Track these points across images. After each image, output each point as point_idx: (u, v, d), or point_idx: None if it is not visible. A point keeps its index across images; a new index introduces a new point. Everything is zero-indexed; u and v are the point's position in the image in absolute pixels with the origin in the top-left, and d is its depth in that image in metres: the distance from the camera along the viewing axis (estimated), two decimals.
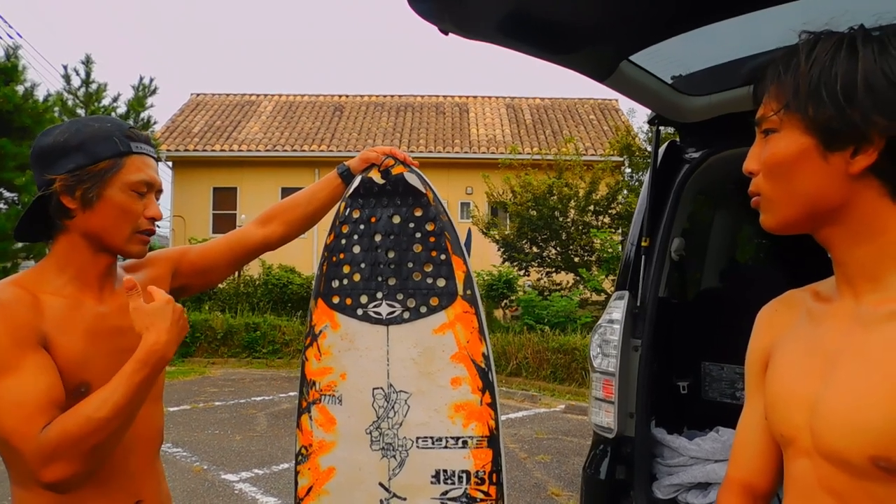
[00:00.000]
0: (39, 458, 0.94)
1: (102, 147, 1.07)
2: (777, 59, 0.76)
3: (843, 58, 0.70)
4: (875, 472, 0.67)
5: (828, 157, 0.71)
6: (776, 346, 0.84)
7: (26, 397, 0.95)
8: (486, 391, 1.38)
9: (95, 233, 1.09)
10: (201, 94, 19.51)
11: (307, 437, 1.44)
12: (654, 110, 2.33)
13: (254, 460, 4.99)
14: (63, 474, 0.95)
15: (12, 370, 0.96)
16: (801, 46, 0.74)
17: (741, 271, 2.98)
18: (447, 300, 1.39)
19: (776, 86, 0.75)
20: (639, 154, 11.55)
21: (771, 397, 0.81)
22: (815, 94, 0.71)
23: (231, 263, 1.38)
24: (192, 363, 9.62)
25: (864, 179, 0.71)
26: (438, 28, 1.62)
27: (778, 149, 0.74)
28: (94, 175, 1.06)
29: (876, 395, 0.67)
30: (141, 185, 1.10)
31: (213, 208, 16.53)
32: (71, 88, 11.19)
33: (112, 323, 1.11)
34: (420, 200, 1.43)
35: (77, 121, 1.11)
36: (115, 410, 0.96)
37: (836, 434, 0.70)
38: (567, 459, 5.14)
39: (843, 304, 0.76)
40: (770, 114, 0.75)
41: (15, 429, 0.95)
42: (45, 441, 0.94)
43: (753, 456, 0.88)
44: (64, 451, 0.94)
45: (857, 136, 0.69)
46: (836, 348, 0.74)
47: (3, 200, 8.82)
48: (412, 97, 19.39)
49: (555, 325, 9.63)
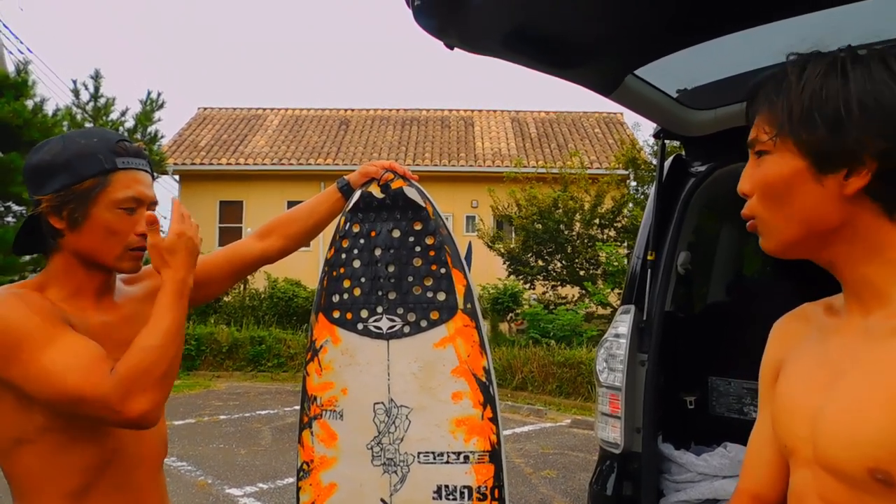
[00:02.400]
0: (119, 395, 0.95)
1: (87, 165, 1.05)
2: (767, 81, 0.77)
3: (834, 81, 0.71)
4: (873, 485, 0.67)
5: (822, 179, 0.72)
6: (787, 359, 0.84)
7: (80, 354, 0.97)
8: (488, 405, 1.37)
9: (85, 252, 1.08)
10: (208, 108, 19.68)
11: (308, 452, 1.43)
12: (660, 124, 2.32)
13: (258, 474, 4.97)
14: (146, 405, 0.97)
15: (54, 339, 0.98)
16: (791, 68, 0.74)
17: (748, 285, 2.95)
18: (447, 314, 1.39)
19: (768, 108, 0.76)
20: (644, 167, 11.56)
21: (777, 409, 0.82)
22: (807, 118, 0.71)
23: (229, 276, 1.37)
24: (197, 376, 9.62)
25: (859, 200, 0.71)
26: (444, 43, 1.63)
27: (772, 171, 0.75)
28: (79, 195, 1.04)
29: (875, 408, 0.67)
30: (129, 202, 1.08)
31: (220, 221, 16.61)
32: (80, 103, 11.28)
33: (116, 333, 1.10)
34: (420, 214, 1.43)
35: (65, 137, 1.10)
36: (168, 336, 1.01)
37: (835, 446, 0.70)
38: (573, 475, 5.09)
39: (851, 318, 0.76)
40: (763, 137, 0.76)
41: (84, 381, 0.95)
42: (118, 379, 0.96)
43: (763, 468, 0.88)
44: (139, 383, 0.97)
45: (849, 158, 0.70)
46: (842, 361, 0.74)
47: (11, 214, 8.87)
48: (417, 111, 19.49)
49: (560, 339, 9.59)
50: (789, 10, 1.58)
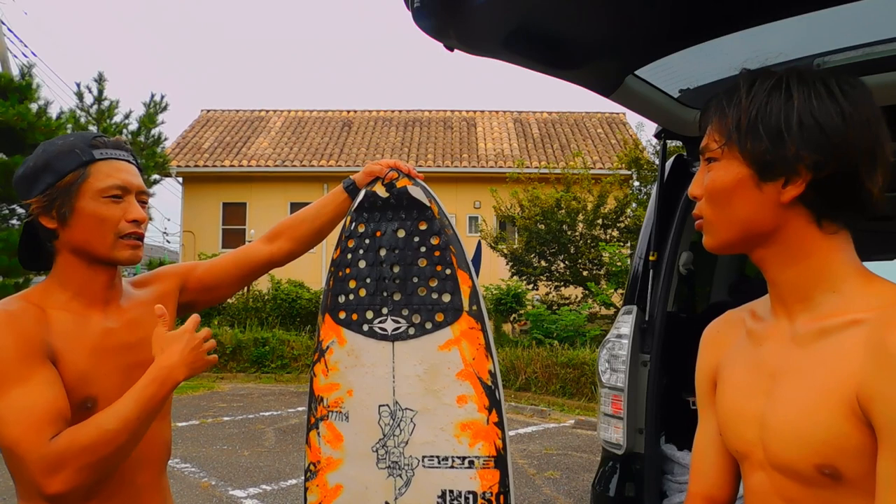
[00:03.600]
0: (44, 467, 0.94)
1: (65, 161, 1.08)
2: (720, 94, 0.83)
3: (779, 97, 0.77)
4: (822, 480, 0.73)
5: (762, 186, 0.78)
6: (722, 365, 0.91)
7: (33, 408, 0.96)
8: (493, 410, 1.34)
9: (80, 246, 1.09)
10: (211, 110, 19.70)
11: (315, 453, 1.43)
12: (661, 124, 2.32)
13: (262, 476, 4.97)
14: (65, 485, 0.95)
15: (19, 381, 0.97)
16: (741, 83, 0.81)
17: (750, 285, 2.95)
18: (452, 316, 1.36)
19: (718, 119, 0.82)
20: (647, 167, 11.54)
21: (723, 416, 0.87)
22: (752, 130, 0.78)
23: (238, 280, 1.38)
24: (200, 378, 9.62)
25: (793, 208, 0.78)
26: (444, 45, 1.63)
27: (718, 177, 0.81)
28: (63, 190, 1.07)
29: (815, 408, 0.73)
30: (112, 190, 1.09)
31: (223, 223, 16.62)
32: (83, 106, 11.32)
33: (119, 339, 1.11)
34: (425, 214, 1.40)
35: (44, 142, 1.12)
36: (125, 424, 0.98)
37: (783, 446, 0.76)
38: (577, 476, 5.09)
39: (778, 323, 0.82)
40: (713, 145, 0.82)
41: (21, 438, 0.95)
42: (52, 450, 0.95)
43: (711, 470, 0.94)
44: (70, 461, 0.95)
45: (787, 168, 0.76)
46: (777, 366, 0.80)
47: (16, 216, 8.90)
48: (420, 112, 19.49)
49: (564, 340, 9.58)
50: (788, 10, 1.58)
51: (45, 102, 8.62)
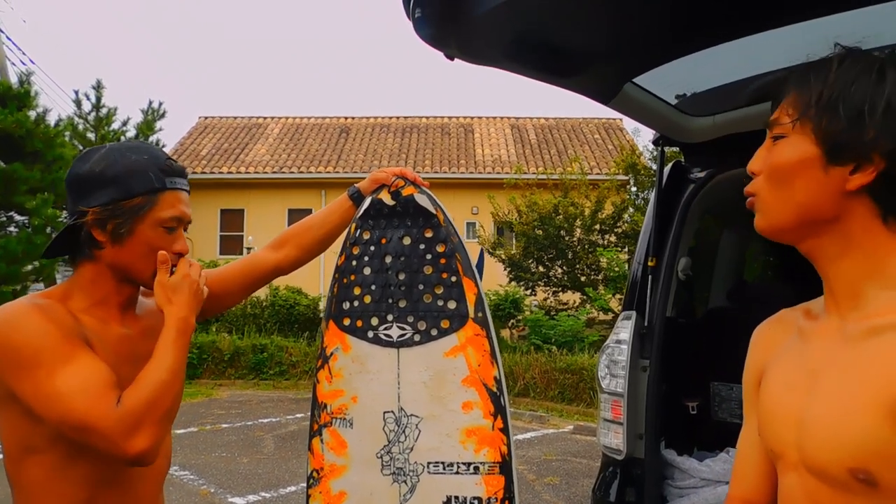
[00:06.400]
0: (123, 429, 0.96)
1: (137, 182, 1.06)
2: (807, 67, 0.78)
3: (869, 78, 0.72)
4: (856, 485, 0.69)
5: (829, 169, 0.73)
6: (769, 364, 0.86)
7: (90, 379, 0.98)
8: (499, 416, 1.35)
9: (123, 266, 1.09)
10: (209, 117, 19.72)
11: (318, 460, 1.43)
12: (658, 131, 2.35)
13: (261, 483, 4.96)
14: (149, 440, 0.98)
15: (69, 359, 0.98)
16: (833, 58, 0.76)
17: (749, 290, 2.97)
18: (458, 323, 1.37)
19: (797, 92, 0.76)
20: (644, 172, 11.59)
21: (762, 414, 0.83)
22: (832, 107, 0.73)
23: (245, 288, 1.39)
24: (199, 385, 9.60)
25: (858, 198, 0.73)
26: (444, 54, 1.65)
27: (784, 154, 0.76)
28: (127, 210, 1.06)
29: (854, 409, 0.69)
30: (172, 222, 1.10)
31: (221, 230, 16.62)
32: (82, 113, 11.34)
33: (134, 346, 1.12)
34: (430, 221, 1.41)
35: (114, 150, 1.10)
36: (173, 373, 1.03)
37: (818, 448, 0.72)
38: (576, 481, 5.09)
39: (829, 321, 0.78)
40: (785, 119, 0.77)
41: (89, 409, 0.96)
42: (125, 412, 0.97)
43: (752, 473, 0.89)
44: (145, 417, 0.98)
45: (860, 153, 0.71)
46: (821, 364, 0.76)
47: (14, 224, 8.89)
48: (417, 118, 19.53)
49: (562, 345, 9.58)
50: (784, 18, 1.60)
51: (43, 110, 8.66)
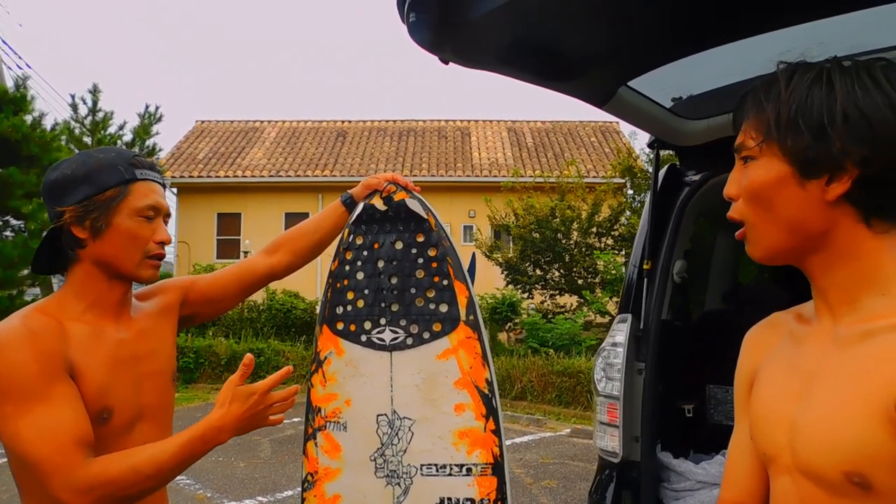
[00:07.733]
0: (73, 490, 0.96)
1: (108, 176, 1.10)
2: (757, 88, 0.79)
3: (820, 90, 0.73)
4: (850, 489, 0.69)
5: (805, 184, 0.74)
6: (761, 367, 0.86)
7: (58, 428, 0.98)
8: (490, 417, 1.36)
9: (107, 260, 1.11)
10: (206, 121, 19.72)
11: (313, 463, 1.44)
12: (653, 134, 2.35)
13: (257, 487, 4.95)
14: None
15: (42, 399, 0.99)
16: (780, 76, 0.77)
17: (745, 293, 2.97)
18: (450, 326, 1.39)
19: (755, 114, 0.78)
20: (640, 175, 11.59)
21: (754, 417, 0.83)
22: (793, 124, 0.74)
23: (239, 293, 1.40)
24: (195, 389, 9.58)
25: (840, 207, 0.73)
26: (439, 58, 1.65)
27: (757, 176, 0.77)
28: (102, 204, 1.09)
29: (848, 412, 0.69)
30: (147, 210, 1.13)
31: (218, 234, 16.60)
32: (78, 117, 11.32)
33: (131, 349, 1.14)
34: (422, 226, 1.43)
35: (83, 153, 1.15)
36: (159, 471, 1.01)
37: (812, 451, 0.72)
38: (573, 484, 5.08)
39: (821, 325, 0.78)
40: (750, 143, 0.78)
41: (48, 457, 0.96)
42: (84, 476, 0.97)
43: (743, 476, 0.89)
44: (97, 489, 0.97)
45: (832, 164, 0.72)
46: (814, 368, 0.76)
47: (10, 228, 8.87)
48: (414, 122, 19.56)
49: (559, 348, 9.58)
50: (779, 22, 1.61)
51: (39, 114, 8.63)
